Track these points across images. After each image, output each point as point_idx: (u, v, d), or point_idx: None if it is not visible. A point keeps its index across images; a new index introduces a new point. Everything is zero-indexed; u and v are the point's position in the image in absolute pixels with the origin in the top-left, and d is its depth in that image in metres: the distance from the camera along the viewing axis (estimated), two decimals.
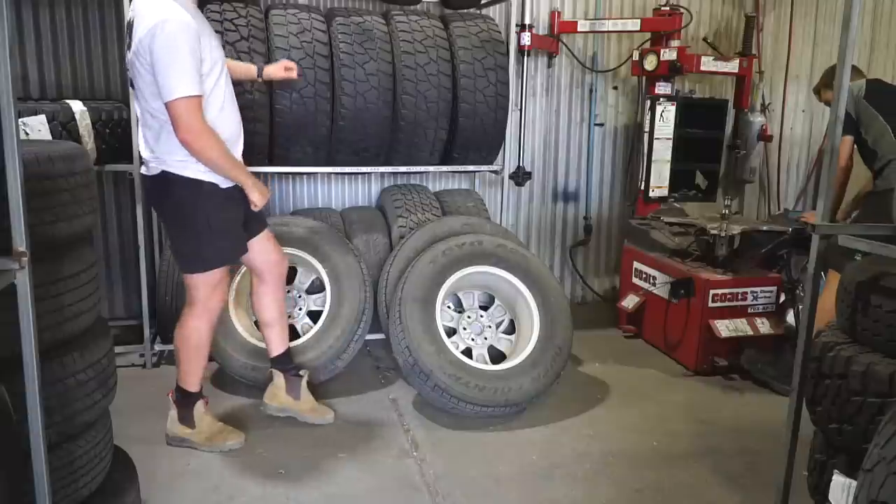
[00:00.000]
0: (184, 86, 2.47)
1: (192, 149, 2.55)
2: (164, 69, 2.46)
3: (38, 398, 1.59)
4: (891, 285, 1.96)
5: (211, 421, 2.96)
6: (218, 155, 2.61)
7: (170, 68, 2.45)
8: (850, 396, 1.97)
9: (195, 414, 2.92)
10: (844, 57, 2.01)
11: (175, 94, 2.46)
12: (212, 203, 2.69)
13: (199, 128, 2.53)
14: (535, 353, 3.30)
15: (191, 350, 2.86)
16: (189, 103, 2.49)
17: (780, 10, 5.20)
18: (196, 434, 2.91)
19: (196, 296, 2.80)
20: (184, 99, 2.47)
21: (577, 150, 5.02)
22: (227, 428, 2.98)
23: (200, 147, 2.56)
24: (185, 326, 2.84)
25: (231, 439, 2.93)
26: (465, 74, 3.75)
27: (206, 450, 2.89)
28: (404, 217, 3.92)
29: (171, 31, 2.44)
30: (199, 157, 2.59)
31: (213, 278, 2.79)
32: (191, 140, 2.53)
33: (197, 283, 2.78)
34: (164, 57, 2.45)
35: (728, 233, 3.83)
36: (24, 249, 1.51)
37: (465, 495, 2.64)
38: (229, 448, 2.91)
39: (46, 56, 3.88)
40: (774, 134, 5.28)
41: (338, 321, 3.42)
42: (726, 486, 2.74)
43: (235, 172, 2.68)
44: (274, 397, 3.16)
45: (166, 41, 2.44)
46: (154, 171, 2.69)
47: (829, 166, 2.10)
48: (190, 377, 2.90)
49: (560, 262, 5.13)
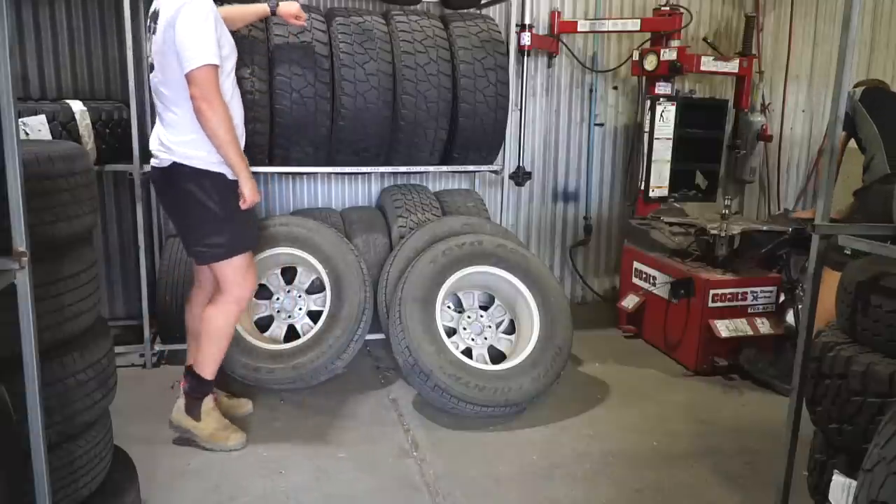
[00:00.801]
0: (205, 54, 2.58)
1: (205, 117, 2.62)
2: (187, 40, 2.57)
3: (38, 398, 1.59)
4: (891, 285, 1.96)
5: (217, 417, 2.96)
6: (226, 131, 2.66)
7: (193, 39, 2.57)
8: (850, 396, 1.97)
9: (203, 407, 2.92)
10: (844, 57, 2.01)
11: (196, 63, 2.56)
12: (223, 192, 2.76)
13: (216, 98, 2.62)
14: (535, 353, 3.30)
15: (213, 333, 2.88)
16: (209, 72, 2.59)
17: (780, 10, 5.20)
18: (200, 428, 2.91)
19: (227, 282, 2.86)
20: (205, 67, 2.57)
21: (577, 150, 5.02)
22: (232, 427, 2.97)
23: (213, 118, 2.62)
24: (214, 310, 2.88)
25: (233, 439, 2.93)
26: (465, 74, 3.75)
27: (206, 446, 2.89)
28: (404, 217, 3.92)
29: (196, 8, 2.59)
30: (209, 128, 2.64)
31: (242, 263, 2.85)
32: (206, 108, 2.60)
33: (225, 270, 2.83)
34: (188, 29, 2.57)
35: (728, 233, 3.83)
36: (24, 249, 1.51)
37: (465, 495, 2.64)
38: (230, 448, 2.90)
39: (46, 56, 3.88)
40: (774, 134, 5.28)
41: (338, 321, 3.41)
42: (726, 486, 2.74)
43: (237, 158, 2.72)
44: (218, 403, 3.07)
45: (191, 16, 2.58)
46: (165, 162, 2.75)
47: (829, 166, 2.10)
48: (208, 363, 2.90)
49: (560, 262, 5.13)
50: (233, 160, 2.71)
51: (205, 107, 2.60)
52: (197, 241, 2.83)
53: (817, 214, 2.12)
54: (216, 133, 2.64)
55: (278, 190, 4.40)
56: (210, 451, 2.88)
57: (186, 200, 2.77)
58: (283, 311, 3.65)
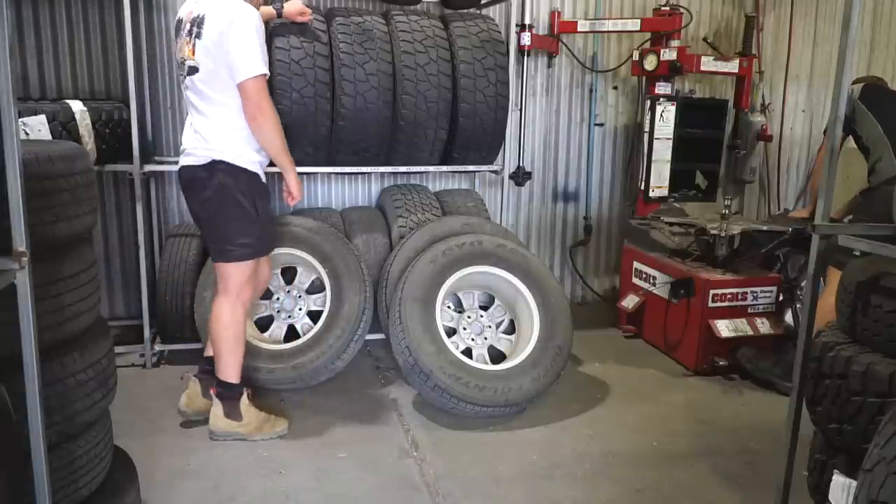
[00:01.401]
0: (257, 66, 2.73)
1: (259, 125, 2.78)
2: (240, 50, 2.71)
3: (38, 398, 1.59)
4: (891, 285, 1.96)
5: (256, 411, 3.01)
6: (279, 137, 2.86)
7: (246, 50, 2.71)
8: (850, 396, 1.97)
9: (241, 407, 2.97)
10: (844, 57, 2.01)
11: (250, 73, 2.71)
12: (257, 192, 2.88)
13: (268, 107, 2.80)
14: (535, 353, 3.30)
15: (230, 341, 2.93)
16: (261, 82, 2.76)
17: (780, 10, 5.20)
18: (245, 426, 2.97)
19: (230, 286, 2.91)
20: (258, 77, 2.73)
21: (577, 150, 5.02)
22: (272, 416, 3.05)
23: (266, 124, 2.79)
24: (222, 318, 2.92)
25: (279, 425, 3.03)
26: (465, 74, 3.75)
27: (258, 439, 2.96)
28: (404, 217, 3.92)
29: (249, 20, 2.74)
30: (261, 134, 2.81)
31: (249, 269, 2.92)
32: (259, 116, 2.76)
33: (232, 272, 2.89)
34: (241, 40, 2.71)
35: (728, 233, 3.83)
36: (24, 249, 1.51)
37: (465, 495, 2.64)
38: (278, 434, 3.00)
39: (46, 56, 3.88)
40: (774, 134, 5.28)
41: (338, 321, 3.41)
42: (726, 486, 2.74)
43: (286, 159, 2.92)
44: (191, 402, 3.09)
45: (245, 27, 2.72)
46: (203, 159, 2.82)
47: (829, 166, 2.10)
48: (230, 369, 2.95)
49: (560, 262, 5.13)
50: (282, 159, 2.90)
51: (259, 115, 2.76)
52: (228, 240, 2.87)
53: (817, 214, 2.11)
54: (271, 140, 2.82)
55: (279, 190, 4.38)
56: (209, 451, 2.88)
57: (222, 197, 2.84)
58: (283, 311, 3.66)
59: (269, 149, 2.87)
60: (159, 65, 4.11)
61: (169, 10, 4.06)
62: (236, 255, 2.86)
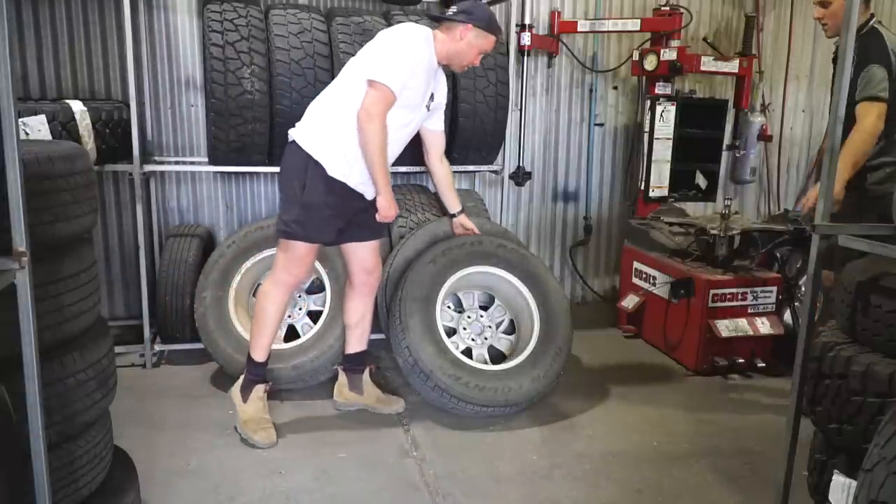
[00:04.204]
0: (391, 77, 2.73)
1: (362, 129, 2.76)
2: (384, 55, 2.77)
3: (38, 398, 1.59)
4: (891, 285, 1.96)
5: (259, 408, 3.02)
6: (379, 146, 2.79)
7: (389, 58, 2.76)
8: (850, 396, 1.97)
9: (252, 393, 3.01)
10: (844, 57, 2.01)
11: (380, 78, 2.73)
12: (315, 179, 2.84)
13: (378, 116, 2.76)
14: (535, 353, 3.30)
15: (262, 318, 2.98)
16: (385, 91, 2.74)
17: (780, 9, 5.20)
18: (241, 410, 3.00)
19: (278, 262, 2.99)
20: (385, 86, 2.73)
21: (577, 150, 5.02)
22: (268, 424, 3.00)
23: (367, 130, 2.75)
24: (261, 295, 3.02)
25: (261, 435, 2.93)
26: (464, 74, 3.75)
27: (238, 432, 2.96)
28: (404, 217, 3.91)
29: (410, 40, 2.83)
30: (363, 138, 2.78)
31: (297, 250, 2.92)
32: (365, 120, 2.74)
33: (282, 248, 2.95)
34: (390, 47, 2.79)
35: (728, 233, 3.83)
36: (24, 249, 1.51)
37: (465, 495, 2.64)
38: (254, 443, 2.92)
39: (46, 56, 3.88)
40: (774, 134, 5.28)
41: (338, 321, 3.41)
42: (726, 486, 2.74)
43: (381, 174, 2.84)
44: (340, 394, 3.28)
45: (401, 41, 2.81)
46: (290, 137, 2.91)
47: (829, 166, 2.10)
48: (255, 345, 3.02)
49: (560, 262, 5.13)
50: (377, 172, 2.83)
51: (365, 119, 2.74)
52: (280, 213, 2.97)
53: (817, 214, 2.12)
54: (367, 147, 2.78)
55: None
56: (209, 452, 2.88)
57: (287, 172, 2.92)
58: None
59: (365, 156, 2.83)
60: (159, 65, 4.10)
61: (169, 10, 4.06)
62: (282, 230, 2.92)
